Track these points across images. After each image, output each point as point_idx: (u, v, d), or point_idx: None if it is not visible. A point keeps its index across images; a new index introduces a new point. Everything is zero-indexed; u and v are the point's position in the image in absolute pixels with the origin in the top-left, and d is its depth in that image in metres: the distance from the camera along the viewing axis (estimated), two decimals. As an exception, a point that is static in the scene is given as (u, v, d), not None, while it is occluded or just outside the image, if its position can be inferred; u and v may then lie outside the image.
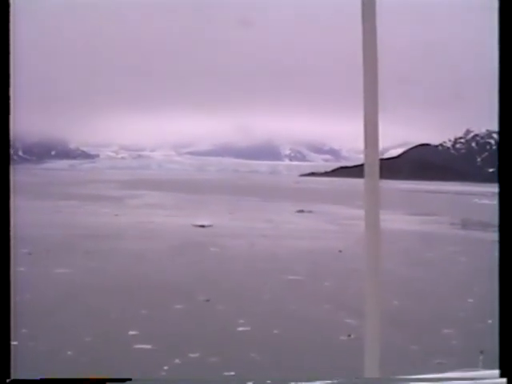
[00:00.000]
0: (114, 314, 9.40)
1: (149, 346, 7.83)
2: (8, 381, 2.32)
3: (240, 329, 8.86)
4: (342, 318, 9.58)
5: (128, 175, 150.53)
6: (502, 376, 2.46)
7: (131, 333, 8.41)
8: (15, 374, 1.94)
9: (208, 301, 10.55)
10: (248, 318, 9.40)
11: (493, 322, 3.06)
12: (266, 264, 14.79)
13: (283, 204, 41.63)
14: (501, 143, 2.60)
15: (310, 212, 33.53)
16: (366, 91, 2.64)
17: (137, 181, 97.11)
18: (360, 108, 2.63)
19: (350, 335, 8.53)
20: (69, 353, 7.36)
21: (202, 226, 23.42)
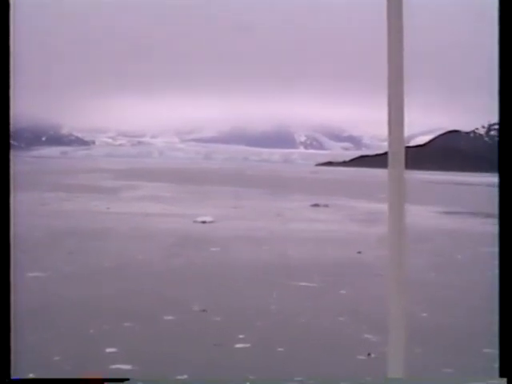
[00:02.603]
0: (91, 328, 8.82)
1: (128, 367, 7.25)
2: (8, 381, 2.58)
3: (239, 346, 8.26)
4: (360, 333, 8.96)
5: (126, 164, 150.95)
6: (501, 376, 2.66)
7: (109, 350, 7.83)
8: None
9: (204, 311, 9.97)
10: (249, 333, 8.80)
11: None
12: (274, 267, 14.21)
13: (296, 197, 41.11)
14: (501, 134, 2.75)
15: (325, 206, 33.00)
16: (391, 73, 2.61)
17: (135, 170, 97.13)
18: (384, 91, 2.62)
19: (369, 354, 7.94)
20: (31, 375, 6.78)
21: (204, 223, 22.91)
